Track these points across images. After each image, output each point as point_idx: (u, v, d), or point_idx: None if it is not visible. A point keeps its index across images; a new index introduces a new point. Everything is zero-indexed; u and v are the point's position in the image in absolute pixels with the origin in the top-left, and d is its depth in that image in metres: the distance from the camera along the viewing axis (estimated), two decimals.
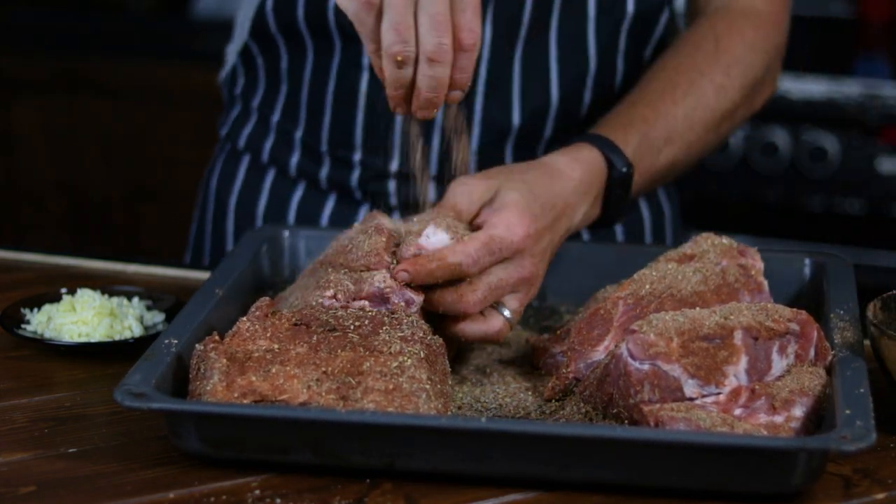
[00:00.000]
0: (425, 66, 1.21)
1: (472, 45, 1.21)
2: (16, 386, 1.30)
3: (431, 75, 1.21)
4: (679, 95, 1.48)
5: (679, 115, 1.48)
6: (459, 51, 1.21)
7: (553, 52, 1.56)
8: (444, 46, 1.20)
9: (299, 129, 1.63)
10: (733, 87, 1.52)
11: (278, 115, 1.64)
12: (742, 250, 1.32)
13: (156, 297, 1.44)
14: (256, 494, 1.11)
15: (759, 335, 1.17)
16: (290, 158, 1.63)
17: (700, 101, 1.50)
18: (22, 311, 1.41)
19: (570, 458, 1.10)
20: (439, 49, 1.20)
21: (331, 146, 1.61)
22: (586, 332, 1.27)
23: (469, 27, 1.21)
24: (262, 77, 1.66)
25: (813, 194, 2.75)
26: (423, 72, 1.21)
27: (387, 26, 1.20)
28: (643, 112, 1.46)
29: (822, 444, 1.08)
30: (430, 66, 1.20)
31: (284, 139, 1.64)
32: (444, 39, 1.19)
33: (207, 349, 1.18)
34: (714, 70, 1.51)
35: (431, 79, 1.21)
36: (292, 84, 1.62)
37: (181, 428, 1.13)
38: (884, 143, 2.71)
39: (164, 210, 3.14)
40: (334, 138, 1.60)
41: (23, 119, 3.20)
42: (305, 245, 1.49)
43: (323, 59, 1.59)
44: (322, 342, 1.19)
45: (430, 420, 1.11)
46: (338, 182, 1.61)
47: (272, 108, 1.65)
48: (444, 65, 1.21)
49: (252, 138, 1.67)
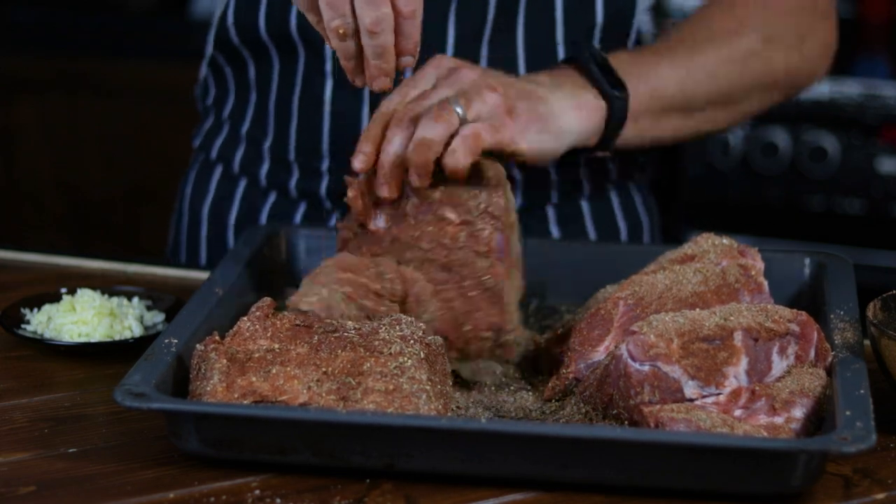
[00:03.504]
0: (367, 37, 1.23)
1: (411, 11, 1.23)
2: (16, 386, 1.30)
3: (374, 44, 1.23)
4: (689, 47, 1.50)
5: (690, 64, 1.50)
6: (400, 18, 1.23)
7: (521, 55, 1.55)
8: (380, 16, 1.22)
9: (268, 140, 1.63)
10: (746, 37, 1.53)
11: (248, 124, 1.65)
12: (742, 250, 1.32)
13: (156, 297, 1.44)
14: (256, 494, 1.11)
15: (760, 336, 1.17)
16: (261, 168, 1.64)
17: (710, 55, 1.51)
18: (22, 311, 1.41)
19: (570, 458, 1.10)
20: (375, 20, 1.22)
21: (298, 155, 1.61)
22: (586, 333, 1.27)
23: None
24: (231, 87, 1.67)
25: (813, 194, 2.75)
26: (366, 42, 1.23)
27: (322, 3, 1.22)
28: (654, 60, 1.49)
29: (822, 445, 1.08)
30: (371, 37, 1.23)
31: (254, 149, 1.65)
32: (380, 10, 1.21)
33: (208, 349, 1.18)
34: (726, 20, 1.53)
35: (375, 47, 1.23)
36: (260, 94, 1.63)
37: (181, 428, 1.13)
38: (884, 143, 2.71)
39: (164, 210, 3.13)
40: (301, 147, 1.60)
41: (23, 119, 3.19)
42: (305, 245, 1.49)
43: (288, 68, 1.59)
44: (322, 342, 1.19)
45: (430, 420, 1.11)
46: (307, 191, 1.61)
47: (242, 118, 1.66)
48: (384, 33, 1.23)
49: (223, 149, 1.68)
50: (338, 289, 1.26)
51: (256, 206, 1.65)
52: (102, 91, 3.14)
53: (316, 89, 1.58)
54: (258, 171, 1.64)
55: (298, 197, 1.63)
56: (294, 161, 1.61)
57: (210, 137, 1.70)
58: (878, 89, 2.70)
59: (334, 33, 1.23)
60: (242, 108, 1.65)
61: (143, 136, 3.13)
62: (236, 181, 1.67)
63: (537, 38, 1.55)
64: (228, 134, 1.67)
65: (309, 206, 1.62)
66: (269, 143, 1.63)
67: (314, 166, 1.60)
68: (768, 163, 2.75)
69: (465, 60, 1.38)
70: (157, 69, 3.09)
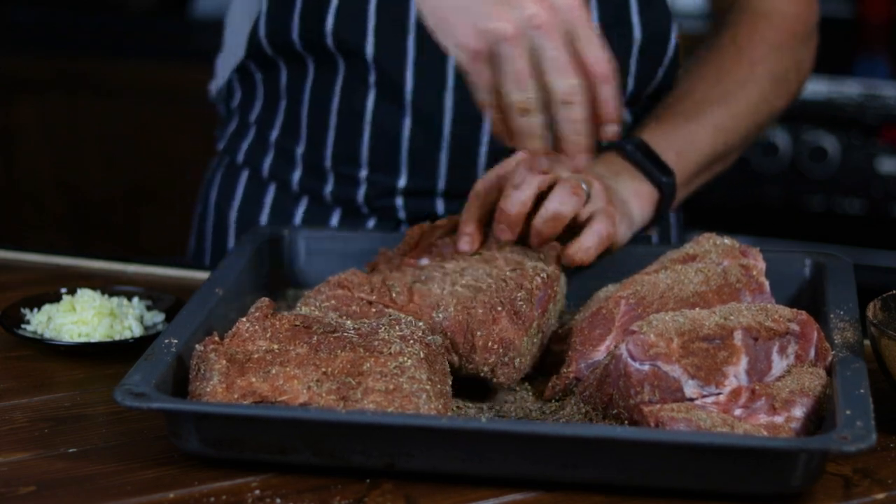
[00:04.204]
0: (561, 110, 1.17)
1: (606, 74, 1.17)
2: (16, 386, 1.30)
3: (569, 118, 1.17)
4: (712, 105, 1.53)
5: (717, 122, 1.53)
6: (596, 83, 1.17)
7: None
8: (575, 87, 1.16)
9: (300, 146, 1.61)
10: (757, 83, 1.55)
11: (277, 131, 1.63)
12: (744, 250, 1.32)
13: (156, 297, 1.44)
14: (256, 494, 1.11)
15: (759, 335, 1.17)
16: (292, 174, 1.62)
17: (732, 107, 1.54)
18: (22, 311, 1.41)
19: (570, 458, 1.10)
20: (571, 89, 1.16)
21: (335, 163, 1.59)
22: (588, 332, 1.27)
23: (596, 57, 1.17)
24: (259, 92, 1.64)
25: (813, 194, 2.75)
26: (561, 117, 1.17)
27: (507, 77, 1.16)
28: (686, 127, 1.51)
29: (822, 444, 1.08)
30: (565, 108, 1.17)
31: (285, 155, 1.62)
32: (572, 80, 1.16)
33: (207, 350, 1.18)
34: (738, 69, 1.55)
35: (570, 122, 1.18)
36: (291, 100, 1.60)
37: (181, 428, 1.13)
38: (884, 143, 2.71)
39: (164, 210, 3.14)
40: (339, 156, 1.59)
41: (23, 119, 3.19)
42: (305, 245, 1.48)
43: (325, 76, 1.57)
44: (322, 343, 1.19)
45: (431, 420, 1.11)
46: (343, 198, 1.60)
47: (271, 125, 1.63)
48: (578, 104, 1.17)
49: (251, 153, 1.66)
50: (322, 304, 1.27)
51: (288, 211, 1.63)
52: (102, 91, 3.14)
53: (357, 99, 1.56)
54: (290, 177, 1.62)
55: (333, 203, 1.61)
56: (330, 168, 1.59)
57: (235, 140, 1.68)
58: (878, 89, 2.70)
59: (515, 108, 1.17)
60: (271, 114, 1.63)
61: (143, 136, 3.13)
62: (265, 186, 1.65)
63: None
64: (255, 138, 1.65)
65: (344, 212, 1.61)
66: (301, 149, 1.61)
67: (351, 174, 1.59)
68: (768, 163, 2.75)
69: None
70: (157, 69, 3.09)
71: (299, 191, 1.62)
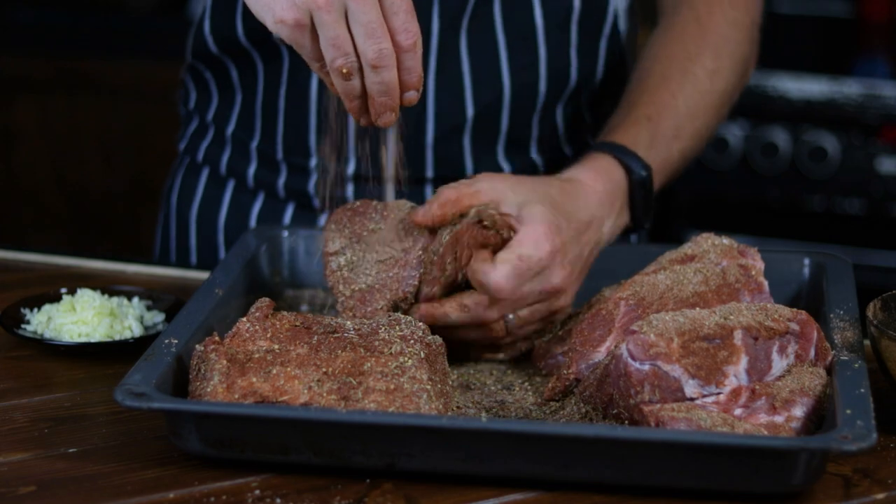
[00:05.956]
0: (371, 74, 1.23)
1: (412, 44, 1.23)
2: (16, 386, 1.30)
3: (379, 81, 1.23)
4: (675, 87, 1.50)
5: (680, 106, 1.49)
6: (401, 52, 1.23)
7: (501, 40, 1.56)
8: (384, 51, 1.21)
9: (255, 139, 1.63)
10: (725, 68, 1.54)
11: (233, 125, 1.65)
12: (742, 250, 1.32)
13: (156, 297, 1.44)
14: (256, 494, 1.11)
15: (759, 335, 1.17)
16: (248, 169, 1.64)
17: (697, 88, 1.51)
18: (22, 311, 1.41)
19: (570, 458, 1.10)
20: (379, 55, 1.21)
21: (286, 153, 1.61)
22: (588, 333, 1.27)
23: (404, 28, 1.22)
24: (214, 90, 1.67)
25: (813, 194, 2.75)
26: (371, 79, 1.23)
27: (324, 43, 1.22)
28: (646, 111, 1.47)
29: (822, 444, 1.08)
30: (375, 73, 1.22)
31: (241, 150, 1.65)
32: (382, 44, 1.21)
33: (207, 350, 1.18)
34: (704, 54, 1.53)
35: (380, 84, 1.23)
36: (246, 94, 1.63)
37: (181, 428, 1.13)
38: (884, 143, 2.71)
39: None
40: (289, 145, 1.61)
41: (23, 118, 3.19)
42: (305, 245, 1.49)
43: (273, 66, 1.60)
44: (322, 343, 1.19)
45: (431, 420, 1.11)
46: (296, 190, 1.62)
47: (227, 120, 1.66)
48: (388, 69, 1.22)
49: (210, 151, 1.68)
50: None
51: (245, 208, 1.65)
52: (102, 91, 3.14)
53: (301, 85, 1.58)
54: (246, 172, 1.64)
55: (287, 197, 1.63)
56: (282, 160, 1.62)
57: (195, 140, 1.70)
58: (878, 89, 2.70)
59: (338, 73, 1.23)
60: (227, 110, 1.66)
61: (142, 136, 3.13)
62: (224, 183, 1.67)
63: (516, 19, 1.56)
64: (214, 136, 1.68)
65: (297, 206, 1.63)
66: (256, 142, 1.63)
67: (301, 164, 1.61)
68: (768, 163, 2.75)
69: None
70: (157, 69, 3.09)
71: (255, 186, 1.64)
